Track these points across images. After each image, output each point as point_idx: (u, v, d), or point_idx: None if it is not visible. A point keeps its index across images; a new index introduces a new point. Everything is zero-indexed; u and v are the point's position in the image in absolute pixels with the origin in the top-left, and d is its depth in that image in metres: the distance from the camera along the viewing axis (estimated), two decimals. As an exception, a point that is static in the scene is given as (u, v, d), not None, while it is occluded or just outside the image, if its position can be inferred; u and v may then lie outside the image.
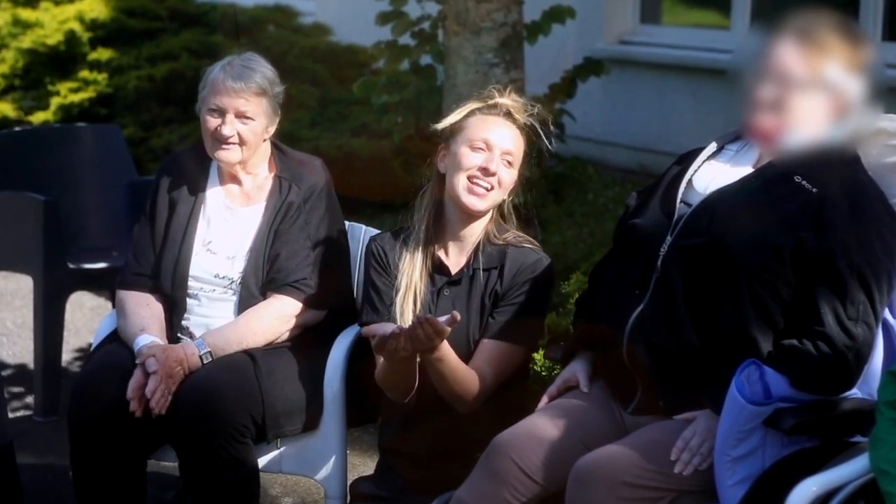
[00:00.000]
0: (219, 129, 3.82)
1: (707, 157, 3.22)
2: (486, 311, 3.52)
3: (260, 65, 3.89)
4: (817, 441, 2.85)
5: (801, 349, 2.86)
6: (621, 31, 8.73)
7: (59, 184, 5.63)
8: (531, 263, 3.53)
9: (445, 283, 3.56)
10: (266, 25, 9.57)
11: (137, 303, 3.89)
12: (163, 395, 3.60)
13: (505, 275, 3.51)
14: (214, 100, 3.83)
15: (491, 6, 5.91)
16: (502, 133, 3.53)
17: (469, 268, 3.55)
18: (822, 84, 2.98)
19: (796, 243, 2.91)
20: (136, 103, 8.73)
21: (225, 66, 3.85)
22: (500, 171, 3.50)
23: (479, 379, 3.42)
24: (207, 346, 3.72)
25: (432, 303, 3.55)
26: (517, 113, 3.56)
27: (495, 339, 3.49)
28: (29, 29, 9.14)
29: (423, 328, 3.21)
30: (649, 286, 3.08)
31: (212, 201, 3.94)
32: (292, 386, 3.73)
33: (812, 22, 3.01)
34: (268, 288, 3.83)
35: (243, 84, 3.81)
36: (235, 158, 3.86)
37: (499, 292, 3.51)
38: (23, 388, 5.53)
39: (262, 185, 3.94)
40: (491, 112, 3.55)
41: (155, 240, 3.93)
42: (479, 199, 3.51)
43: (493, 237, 3.57)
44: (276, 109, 3.92)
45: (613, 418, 3.19)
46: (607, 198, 7.78)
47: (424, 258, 3.57)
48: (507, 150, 3.51)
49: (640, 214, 3.23)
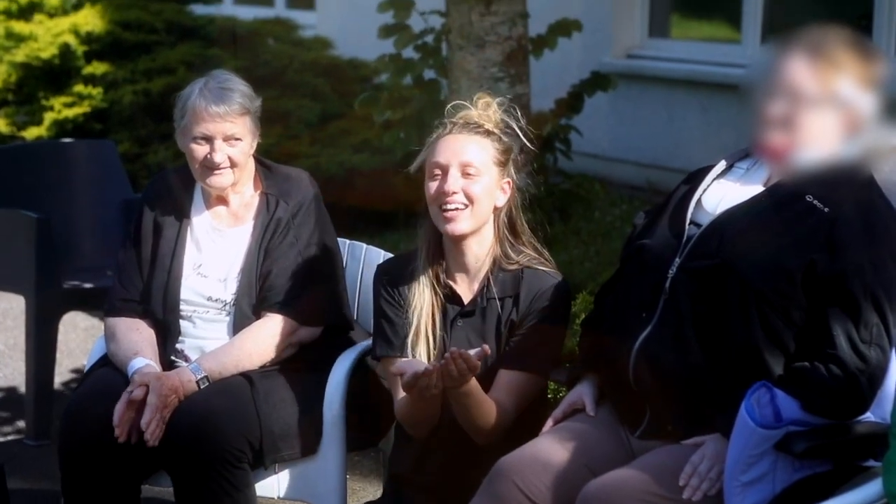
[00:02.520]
0: (209, 157, 3.81)
1: (716, 175, 3.23)
2: (502, 339, 3.47)
3: (235, 83, 3.86)
4: (829, 466, 2.85)
5: (813, 372, 2.86)
6: (629, 45, 8.76)
7: (52, 201, 5.63)
8: (547, 288, 3.47)
9: (458, 313, 3.52)
10: (265, 38, 9.59)
11: (128, 328, 3.89)
12: (157, 426, 3.60)
13: (521, 302, 3.46)
14: (199, 128, 3.81)
15: (496, 19, 5.93)
16: (454, 148, 3.45)
17: (483, 297, 3.49)
18: (833, 100, 2.98)
19: (808, 265, 2.91)
20: (131, 118, 8.74)
21: (202, 92, 3.82)
22: (465, 186, 3.42)
23: (499, 410, 3.38)
24: (203, 370, 3.72)
25: (446, 335, 3.51)
26: (480, 119, 3.49)
27: (514, 369, 3.44)
28: (22, 42, 9.16)
29: (455, 364, 3.17)
30: (657, 308, 3.08)
31: (198, 224, 3.94)
32: (290, 409, 3.73)
33: (824, 37, 3.02)
34: (261, 307, 3.84)
35: (227, 107, 3.79)
36: (228, 182, 3.87)
37: (515, 320, 3.46)
38: (14, 410, 5.52)
39: (249, 204, 3.95)
40: (445, 133, 3.49)
41: (142, 264, 3.93)
42: (456, 223, 3.44)
43: (504, 262, 3.51)
44: (257, 124, 3.91)
45: (620, 442, 3.19)
46: (614, 216, 7.80)
47: (434, 289, 3.52)
48: (464, 162, 3.43)
49: (648, 235, 3.24)
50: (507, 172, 3.51)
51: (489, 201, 3.47)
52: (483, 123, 3.49)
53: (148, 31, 9.28)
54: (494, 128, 3.50)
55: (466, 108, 3.51)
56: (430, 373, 3.19)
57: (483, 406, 3.35)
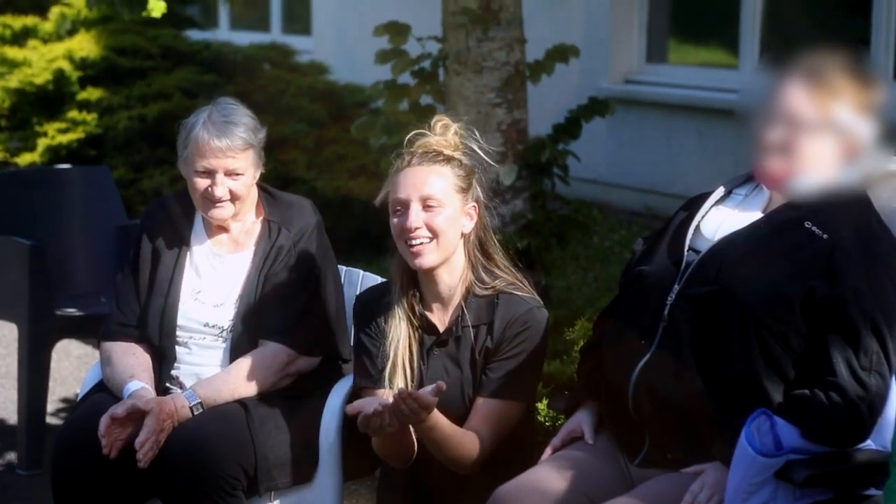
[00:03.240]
0: (210, 191, 3.82)
1: (715, 201, 3.23)
2: (477, 367, 3.47)
3: (240, 115, 3.86)
4: (830, 494, 2.85)
5: (813, 399, 2.86)
6: (627, 71, 8.78)
7: (45, 228, 5.63)
8: (522, 314, 3.46)
9: (434, 343, 3.52)
10: (261, 64, 9.61)
11: (124, 352, 3.89)
12: (151, 448, 3.60)
13: (495, 329, 3.45)
14: (202, 162, 3.81)
15: (493, 45, 5.94)
16: (413, 182, 3.44)
17: (457, 326, 3.49)
18: (831, 126, 2.99)
19: (807, 292, 2.91)
20: (126, 144, 8.74)
21: (206, 124, 3.81)
22: (427, 220, 3.42)
23: (477, 440, 3.38)
24: (198, 397, 3.72)
25: (423, 364, 3.51)
26: (438, 146, 3.48)
27: (490, 397, 3.43)
28: (16, 68, 9.18)
29: (406, 403, 3.18)
30: (656, 335, 3.08)
31: (198, 249, 3.94)
32: (286, 436, 3.72)
33: (821, 62, 3.02)
34: (259, 335, 3.83)
35: (229, 142, 3.79)
36: (228, 215, 3.88)
37: (490, 348, 3.45)
38: (6, 440, 5.51)
39: (251, 231, 3.95)
40: (403, 166, 3.48)
41: (140, 289, 3.92)
42: (424, 257, 3.43)
43: (478, 288, 3.49)
44: (261, 155, 3.92)
45: (619, 470, 3.19)
46: (613, 241, 7.82)
47: (409, 321, 3.51)
48: (424, 196, 3.42)
49: (646, 261, 3.24)
50: (470, 196, 3.50)
51: (455, 230, 3.47)
52: (442, 150, 3.48)
53: (143, 56, 9.30)
54: (454, 152, 3.49)
55: (425, 135, 3.51)
56: (379, 413, 3.20)
57: (453, 438, 3.35)
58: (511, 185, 6.08)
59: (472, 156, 3.53)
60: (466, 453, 3.37)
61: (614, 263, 7.17)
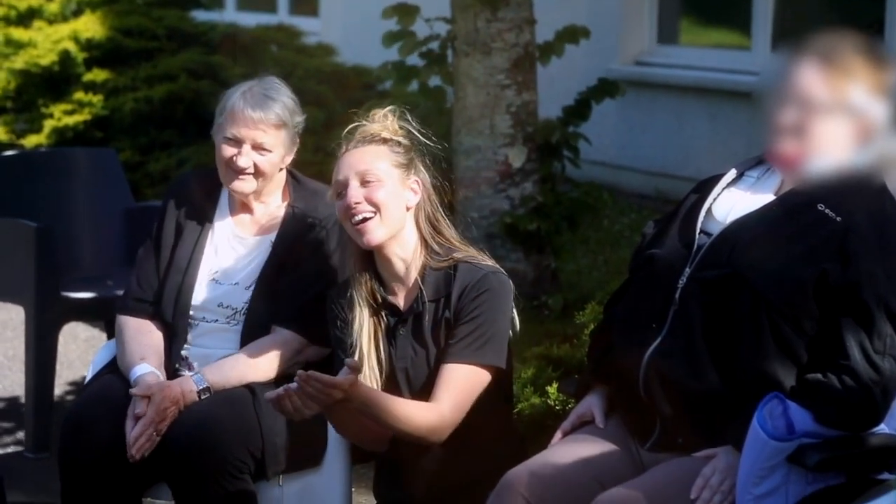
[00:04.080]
0: (234, 160, 3.82)
1: (727, 184, 3.23)
2: (441, 339, 3.47)
3: (281, 93, 3.87)
4: (843, 478, 2.85)
5: (826, 383, 2.86)
6: (637, 52, 8.76)
7: (52, 210, 5.63)
8: (478, 280, 3.44)
9: (396, 322, 3.52)
10: (268, 45, 9.59)
11: (138, 329, 3.89)
12: (148, 440, 3.61)
13: (452, 300, 3.45)
14: (232, 129, 3.82)
15: (502, 26, 5.94)
16: (350, 162, 3.49)
17: (417, 302, 3.49)
18: (845, 108, 2.99)
19: (820, 275, 2.91)
20: (132, 126, 8.75)
21: (245, 93, 3.83)
22: (367, 194, 3.45)
23: (434, 409, 3.37)
24: (206, 382, 3.72)
25: (391, 346, 3.51)
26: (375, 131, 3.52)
27: (449, 362, 3.42)
28: (21, 49, 9.16)
29: (311, 385, 3.19)
30: (667, 319, 3.08)
31: (220, 229, 3.95)
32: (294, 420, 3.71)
33: (835, 44, 3.02)
34: (273, 321, 3.83)
35: (262, 115, 3.80)
36: (249, 189, 3.87)
37: (449, 318, 3.45)
38: (13, 423, 5.53)
39: (275, 215, 3.95)
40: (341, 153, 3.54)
41: (159, 265, 3.93)
42: (370, 234, 3.44)
43: (433, 261, 3.50)
44: (295, 139, 3.92)
45: (630, 455, 3.19)
46: (623, 224, 7.82)
47: (371, 306, 3.53)
48: (360, 172, 3.46)
49: (657, 244, 3.24)
50: (412, 173, 3.53)
51: (397, 204, 3.48)
52: (379, 133, 3.52)
53: (149, 37, 9.28)
54: (392, 135, 3.53)
55: (363, 125, 3.56)
56: (284, 396, 3.22)
57: (398, 411, 3.33)
58: (520, 168, 6.10)
59: (412, 139, 3.57)
60: (422, 423, 3.35)
61: (624, 247, 7.17)
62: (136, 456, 3.60)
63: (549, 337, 5.00)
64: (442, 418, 3.37)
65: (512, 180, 6.11)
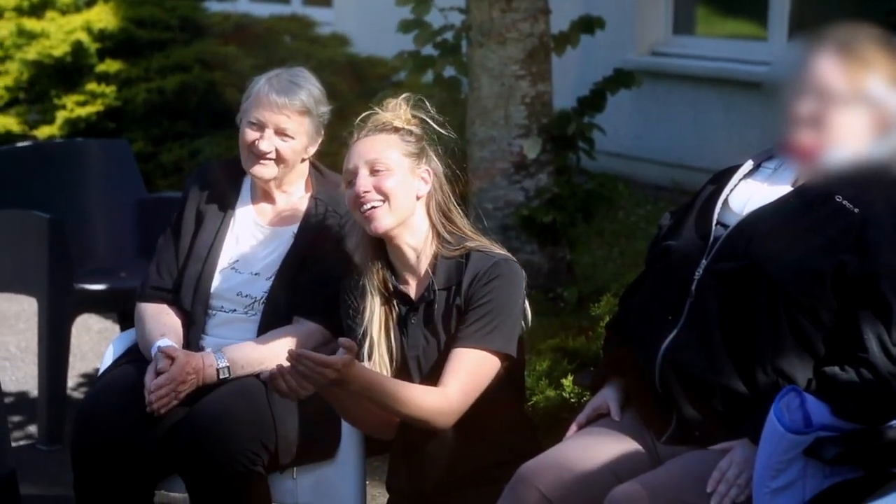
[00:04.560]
0: (256, 144, 3.84)
1: (743, 175, 3.23)
2: (451, 327, 3.46)
3: (308, 82, 3.91)
4: (860, 472, 2.84)
5: (844, 376, 2.86)
6: (653, 42, 8.75)
7: (64, 201, 5.65)
8: (488, 267, 3.44)
9: (408, 310, 3.52)
10: (281, 36, 9.59)
11: (157, 311, 3.92)
12: (168, 396, 3.63)
13: (462, 288, 3.44)
14: (256, 113, 3.85)
15: (517, 16, 5.93)
16: (360, 151, 3.50)
17: (429, 291, 3.49)
18: (863, 99, 2.98)
19: (838, 266, 2.91)
20: (145, 117, 8.75)
21: (271, 79, 3.87)
22: (375, 183, 3.45)
23: (440, 393, 3.35)
24: (227, 360, 3.73)
25: (403, 334, 3.51)
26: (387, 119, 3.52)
27: (458, 346, 3.41)
28: (34, 40, 9.17)
29: (302, 364, 3.18)
30: (683, 311, 3.08)
31: (242, 218, 3.96)
32: (308, 412, 3.71)
33: (853, 34, 3.01)
34: (294, 312, 3.83)
35: (287, 100, 3.83)
36: (270, 175, 3.88)
37: (460, 305, 3.44)
38: (26, 415, 5.55)
39: (297, 206, 3.95)
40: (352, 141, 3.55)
41: (179, 254, 3.95)
42: (378, 221, 3.44)
43: (445, 250, 3.50)
44: (320, 129, 3.95)
45: (646, 448, 3.19)
46: (638, 216, 7.81)
47: (383, 296, 3.52)
48: (369, 160, 3.47)
49: (673, 236, 3.24)
50: (424, 163, 3.52)
51: (407, 193, 3.47)
52: (391, 122, 3.52)
53: (162, 28, 9.29)
54: (404, 124, 3.53)
55: (376, 114, 3.56)
56: (277, 375, 3.21)
57: (400, 393, 3.32)
58: (535, 159, 6.09)
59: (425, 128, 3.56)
60: (427, 406, 3.34)
61: (640, 239, 7.17)
62: (155, 407, 3.61)
63: (564, 329, 5.00)
64: (448, 402, 3.36)
65: (527, 171, 6.11)
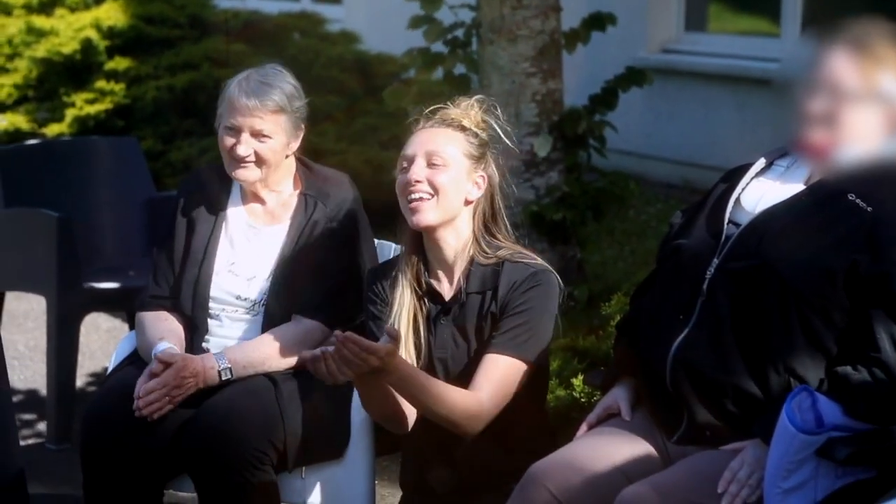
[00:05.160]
0: (234, 149, 3.84)
1: (755, 173, 3.22)
2: (485, 333, 3.46)
3: (279, 79, 3.87)
4: (873, 472, 2.84)
5: (856, 376, 2.85)
6: (665, 39, 8.75)
7: (73, 200, 5.66)
8: (526, 277, 3.45)
9: (439, 311, 3.52)
10: (291, 33, 9.60)
11: (156, 318, 3.92)
12: (159, 402, 3.62)
13: (499, 294, 3.44)
14: (230, 118, 3.84)
15: (528, 13, 5.93)
16: (423, 139, 3.49)
17: (462, 293, 3.49)
18: (876, 96, 2.98)
19: (850, 265, 2.90)
20: (154, 115, 8.77)
21: (241, 82, 3.85)
22: (429, 175, 3.44)
23: (473, 396, 3.36)
24: (228, 361, 3.74)
25: (431, 333, 3.52)
26: (457, 116, 3.52)
27: (493, 352, 3.41)
28: (43, 37, 9.19)
29: (347, 347, 3.17)
30: (694, 310, 3.08)
31: (234, 220, 3.96)
32: (316, 411, 3.73)
33: (866, 31, 3.01)
34: (293, 310, 3.84)
35: (258, 102, 3.81)
36: (253, 177, 3.88)
37: (495, 312, 3.44)
38: (35, 414, 5.56)
39: (287, 203, 3.96)
40: (418, 128, 3.54)
41: (174, 260, 3.95)
42: (422, 214, 3.44)
43: (481, 257, 3.50)
44: (299, 125, 3.92)
45: (657, 447, 3.19)
46: (649, 214, 7.81)
47: (414, 290, 3.52)
48: (429, 151, 3.46)
49: (685, 234, 3.24)
50: (481, 168, 3.52)
51: (457, 193, 3.47)
52: (460, 119, 3.51)
53: (171, 25, 9.31)
54: (472, 125, 3.52)
55: (447, 108, 3.55)
56: (320, 358, 3.20)
57: (435, 392, 3.32)
58: (546, 157, 6.08)
59: (491, 135, 3.55)
60: (460, 410, 3.34)
61: (651, 237, 7.16)
62: (144, 413, 3.61)
63: (575, 328, 5.00)
64: (481, 407, 3.36)
65: (537, 169, 6.10)
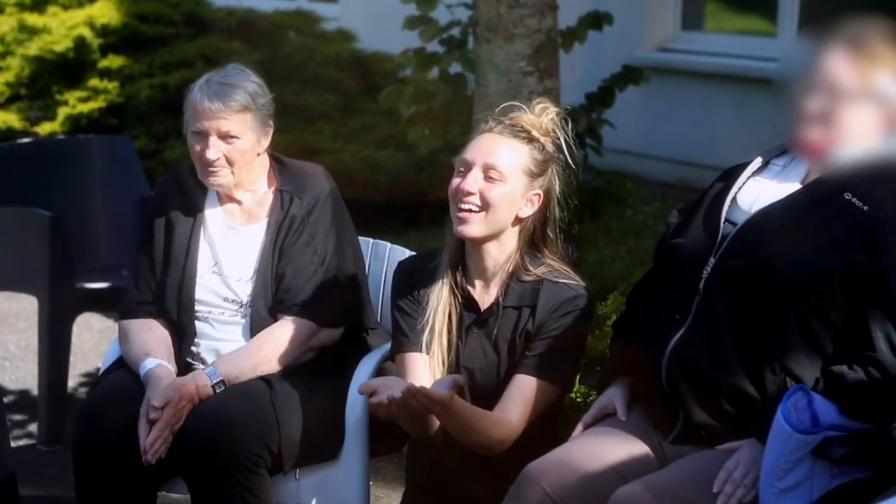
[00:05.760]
0: (204, 153, 3.82)
1: (752, 172, 3.23)
2: (516, 349, 3.45)
3: (241, 79, 3.85)
4: (869, 472, 2.85)
5: (852, 375, 2.86)
6: (662, 38, 8.75)
7: (66, 199, 5.64)
8: (566, 300, 3.44)
9: (473, 321, 3.51)
10: (286, 31, 9.60)
11: (140, 328, 3.90)
12: (164, 443, 3.62)
13: (538, 313, 3.43)
14: (196, 123, 3.82)
15: (524, 12, 5.92)
16: (485, 148, 3.43)
17: (499, 306, 3.47)
18: (873, 95, 2.98)
19: (847, 265, 2.91)
20: (148, 113, 8.77)
21: (202, 86, 3.83)
22: (483, 188, 3.40)
23: (505, 421, 3.37)
24: (220, 375, 3.73)
25: (461, 341, 3.50)
26: (528, 124, 3.45)
27: (525, 374, 3.41)
28: (36, 35, 9.19)
29: (416, 399, 3.16)
30: (691, 310, 3.09)
31: (212, 221, 3.94)
32: (311, 413, 3.73)
33: (863, 30, 3.02)
34: (278, 309, 3.83)
35: (221, 104, 3.78)
36: (227, 182, 3.86)
37: (530, 330, 3.44)
38: (26, 415, 5.55)
39: (263, 201, 3.94)
40: (485, 130, 3.47)
41: (155, 264, 3.93)
42: (467, 226, 3.41)
43: (522, 273, 3.47)
44: (266, 122, 3.89)
45: (652, 447, 3.19)
46: (646, 214, 7.81)
47: (452, 292, 3.51)
48: (489, 165, 3.39)
49: (681, 234, 3.24)
50: (538, 184, 3.46)
51: (508, 209, 3.44)
52: (530, 129, 3.45)
53: (165, 23, 9.31)
54: (541, 135, 3.46)
55: (521, 109, 3.49)
56: (387, 405, 3.17)
57: (477, 424, 3.33)
58: (542, 156, 6.07)
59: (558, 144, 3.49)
60: (493, 436, 3.36)
61: (648, 237, 7.16)
62: (151, 461, 3.61)
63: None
64: (510, 431, 3.38)
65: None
